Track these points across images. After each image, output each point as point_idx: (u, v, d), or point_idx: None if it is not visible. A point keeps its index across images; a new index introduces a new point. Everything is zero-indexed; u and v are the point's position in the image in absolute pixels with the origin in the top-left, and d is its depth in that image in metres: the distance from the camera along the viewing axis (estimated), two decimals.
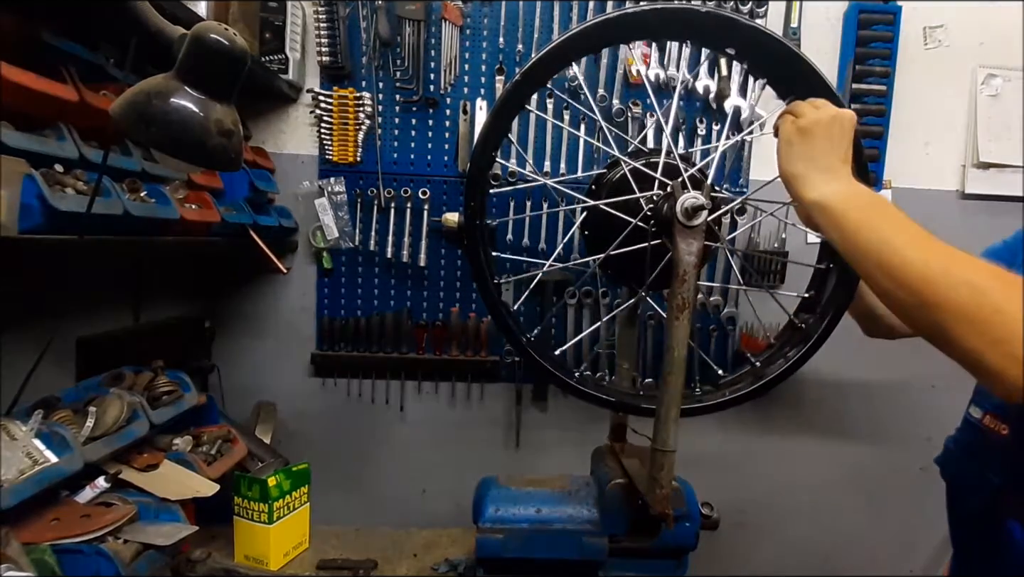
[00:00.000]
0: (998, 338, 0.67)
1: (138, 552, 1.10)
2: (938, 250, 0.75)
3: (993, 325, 0.67)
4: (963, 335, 0.69)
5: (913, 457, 2.15)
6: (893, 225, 0.80)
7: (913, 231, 0.79)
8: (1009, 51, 2.06)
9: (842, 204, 0.85)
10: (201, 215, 1.44)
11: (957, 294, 0.70)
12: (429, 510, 2.16)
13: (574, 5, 1.95)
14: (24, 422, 1.06)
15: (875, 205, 0.85)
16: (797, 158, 0.92)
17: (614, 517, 1.25)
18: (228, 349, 2.05)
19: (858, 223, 0.82)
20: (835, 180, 0.88)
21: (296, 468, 1.45)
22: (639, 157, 1.18)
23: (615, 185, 1.18)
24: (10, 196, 0.92)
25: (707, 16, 1.05)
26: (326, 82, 1.98)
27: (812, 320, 1.19)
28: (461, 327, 2.05)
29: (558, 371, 1.19)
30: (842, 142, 0.91)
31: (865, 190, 0.88)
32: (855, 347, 2.05)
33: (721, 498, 1.35)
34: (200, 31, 0.83)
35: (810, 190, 0.89)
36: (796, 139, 0.92)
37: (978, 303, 0.69)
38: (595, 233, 1.24)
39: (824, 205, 0.87)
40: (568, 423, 2.12)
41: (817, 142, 0.91)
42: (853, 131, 0.92)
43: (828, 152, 0.90)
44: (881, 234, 0.79)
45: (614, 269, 1.24)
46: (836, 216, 0.85)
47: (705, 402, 1.19)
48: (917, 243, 0.77)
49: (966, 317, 0.69)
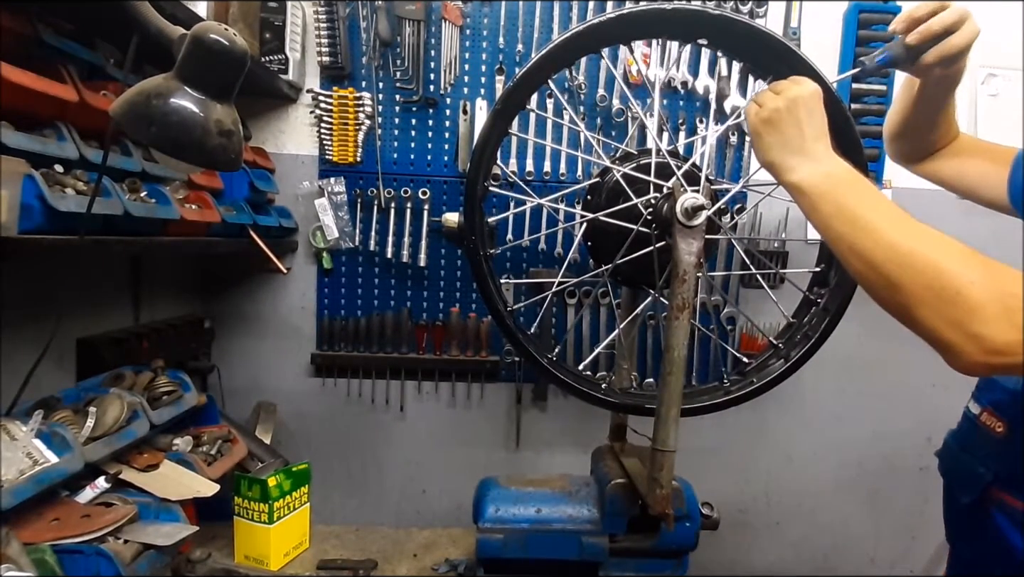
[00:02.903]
0: (955, 319, 0.69)
1: (138, 552, 1.10)
2: (908, 231, 0.76)
3: (952, 306, 0.69)
4: (924, 316, 0.71)
5: (913, 457, 2.15)
6: (868, 206, 0.81)
7: (887, 212, 0.79)
8: (1009, 51, 2.06)
9: (818, 187, 0.85)
10: (201, 215, 1.44)
11: (921, 277, 0.72)
12: (429, 510, 2.16)
13: (574, 5, 1.95)
14: (24, 422, 1.06)
15: (852, 186, 0.85)
16: (769, 148, 0.92)
17: (614, 517, 1.25)
18: (228, 349, 2.05)
19: (833, 205, 0.83)
20: (809, 161, 0.88)
21: (296, 468, 1.45)
22: (629, 161, 1.18)
23: (612, 190, 1.18)
24: (10, 196, 0.92)
25: (674, 12, 1.06)
26: (326, 82, 1.98)
27: (827, 295, 1.19)
28: (461, 327, 2.05)
29: (584, 385, 1.20)
30: (811, 121, 0.90)
31: (841, 168, 0.87)
32: (855, 347, 2.07)
33: (721, 498, 1.35)
34: (200, 31, 0.83)
35: (787, 174, 0.89)
36: (762, 129, 0.92)
37: (940, 286, 0.70)
38: (598, 242, 1.23)
39: (801, 188, 0.87)
40: (568, 423, 2.12)
41: (783, 127, 0.90)
42: (820, 105, 0.91)
43: (797, 135, 0.89)
44: (855, 216, 0.80)
45: (624, 276, 1.24)
46: (812, 199, 0.85)
47: (732, 394, 1.20)
48: (889, 224, 0.77)
49: (926, 300, 0.71)
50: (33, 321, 1.29)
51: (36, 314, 1.31)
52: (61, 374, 1.40)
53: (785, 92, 0.92)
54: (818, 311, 1.22)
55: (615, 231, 1.12)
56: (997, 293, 0.68)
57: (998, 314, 0.67)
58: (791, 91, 0.91)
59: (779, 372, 1.19)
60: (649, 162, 1.11)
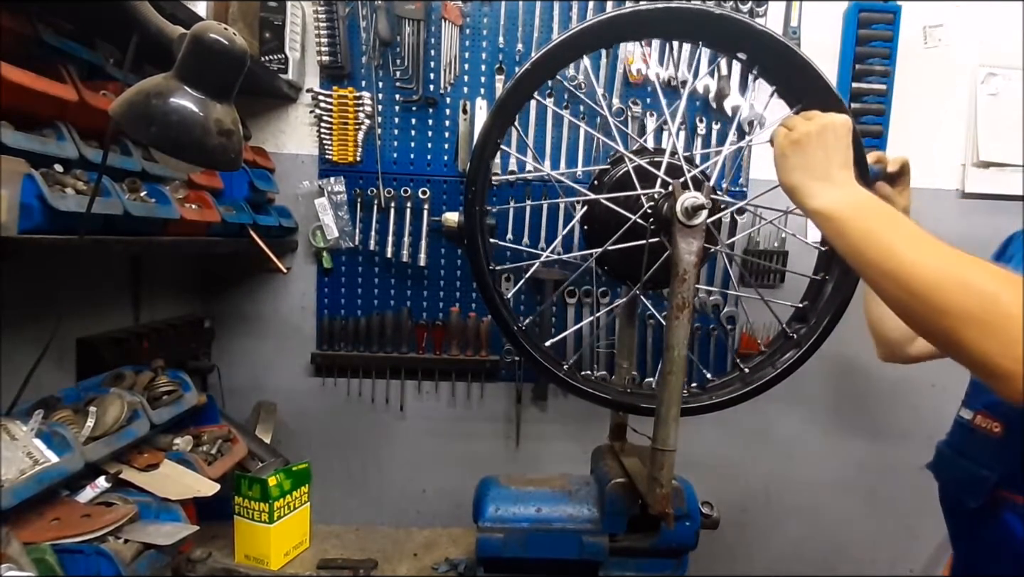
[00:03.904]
0: (1008, 341, 0.67)
1: (139, 552, 1.10)
2: (945, 255, 0.74)
3: (1003, 329, 0.67)
4: (973, 340, 0.69)
5: (913, 457, 2.12)
6: (899, 232, 0.79)
7: (919, 237, 0.78)
8: (1009, 50, 2.06)
9: (844, 212, 0.85)
10: (201, 215, 1.44)
11: (967, 299, 0.70)
12: (429, 510, 2.16)
13: (574, 5, 1.95)
14: (24, 422, 1.06)
15: (879, 212, 0.84)
16: (792, 169, 0.91)
17: (614, 516, 1.25)
18: (228, 349, 2.05)
19: (863, 231, 0.82)
20: (835, 188, 0.88)
21: (296, 468, 1.45)
22: (643, 155, 1.18)
23: (618, 181, 1.19)
24: (10, 196, 0.92)
25: (722, 19, 1.05)
26: (326, 82, 1.98)
27: (804, 330, 1.20)
28: (461, 327, 2.05)
29: (591, 387, 1.19)
30: (838, 149, 0.90)
31: (867, 196, 0.88)
32: (855, 347, 2.07)
33: (721, 498, 1.35)
34: (200, 31, 0.83)
35: (810, 200, 0.89)
36: (789, 151, 0.92)
37: (988, 308, 0.68)
38: (594, 228, 1.24)
39: (826, 215, 0.86)
40: (568, 422, 2.12)
41: (811, 152, 0.90)
42: (849, 137, 0.92)
43: (823, 161, 0.89)
44: (887, 241, 0.79)
45: (611, 265, 1.24)
46: (839, 224, 0.85)
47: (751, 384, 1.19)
48: (924, 249, 0.76)
49: (976, 322, 0.69)
50: (33, 321, 1.29)
51: (36, 314, 1.31)
52: (61, 374, 1.40)
53: (817, 119, 0.93)
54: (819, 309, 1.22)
55: (612, 220, 1.13)
56: None
57: None
58: (823, 118, 0.92)
59: (775, 373, 1.19)
60: (661, 160, 1.12)
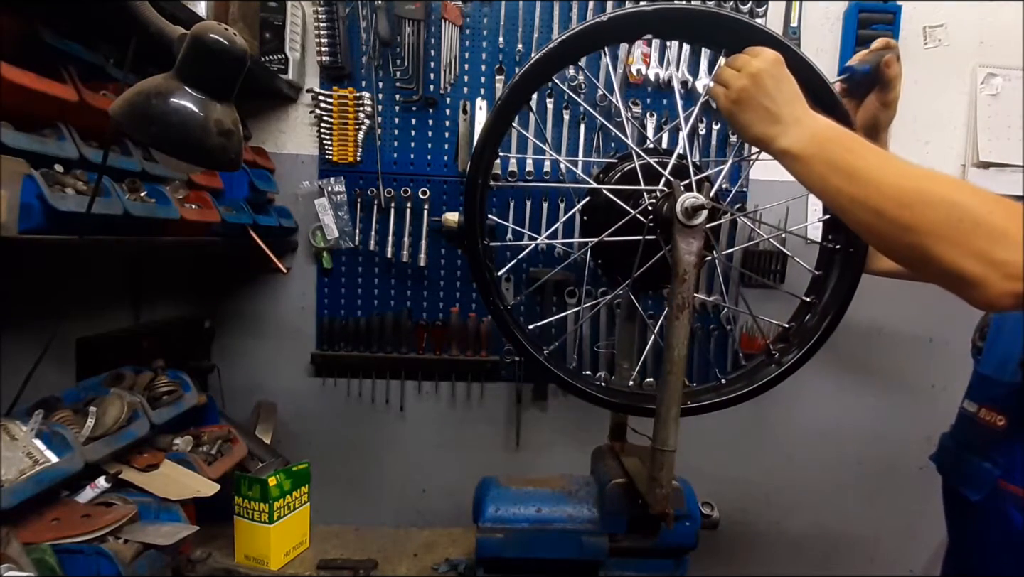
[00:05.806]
0: (976, 247, 0.67)
1: (138, 552, 1.10)
2: (907, 173, 0.75)
3: (970, 236, 0.67)
4: (942, 252, 0.69)
5: (913, 456, 2.14)
6: (860, 156, 0.79)
7: (881, 158, 0.78)
8: (1009, 51, 2.06)
9: (807, 149, 0.84)
10: (201, 215, 1.44)
11: (933, 212, 0.70)
12: (429, 510, 2.16)
13: (574, 5, 1.95)
14: (24, 422, 1.06)
15: (839, 140, 0.84)
16: (748, 125, 0.91)
17: (614, 517, 1.25)
18: (228, 349, 2.05)
19: (825, 162, 0.82)
20: (791, 127, 0.87)
21: (296, 468, 1.45)
22: (652, 155, 1.19)
23: (623, 176, 1.20)
24: (10, 196, 0.92)
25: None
26: (326, 82, 1.98)
27: (791, 348, 1.20)
28: (461, 327, 2.05)
29: (579, 382, 1.20)
30: (780, 88, 0.89)
31: (825, 125, 0.87)
32: (855, 347, 2.07)
33: (721, 498, 1.35)
34: (200, 31, 0.83)
35: (772, 144, 0.88)
36: (736, 110, 0.91)
37: (953, 217, 0.68)
38: (594, 219, 1.24)
39: (790, 154, 0.86)
40: (568, 423, 2.12)
41: (755, 104, 0.89)
42: (783, 69, 0.90)
43: (771, 106, 0.88)
44: (850, 168, 0.79)
45: (605, 259, 1.25)
46: (803, 161, 0.84)
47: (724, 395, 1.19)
48: (887, 169, 0.76)
49: (943, 233, 0.69)
50: (33, 321, 1.29)
51: (36, 314, 1.31)
52: (61, 374, 1.40)
53: (746, 67, 0.90)
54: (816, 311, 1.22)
55: (612, 214, 1.13)
56: (1017, 219, 0.66)
57: (1021, 239, 0.65)
58: (751, 65, 0.90)
59: (774, 374, 1.19)
60: (667, 161, 1.12)
